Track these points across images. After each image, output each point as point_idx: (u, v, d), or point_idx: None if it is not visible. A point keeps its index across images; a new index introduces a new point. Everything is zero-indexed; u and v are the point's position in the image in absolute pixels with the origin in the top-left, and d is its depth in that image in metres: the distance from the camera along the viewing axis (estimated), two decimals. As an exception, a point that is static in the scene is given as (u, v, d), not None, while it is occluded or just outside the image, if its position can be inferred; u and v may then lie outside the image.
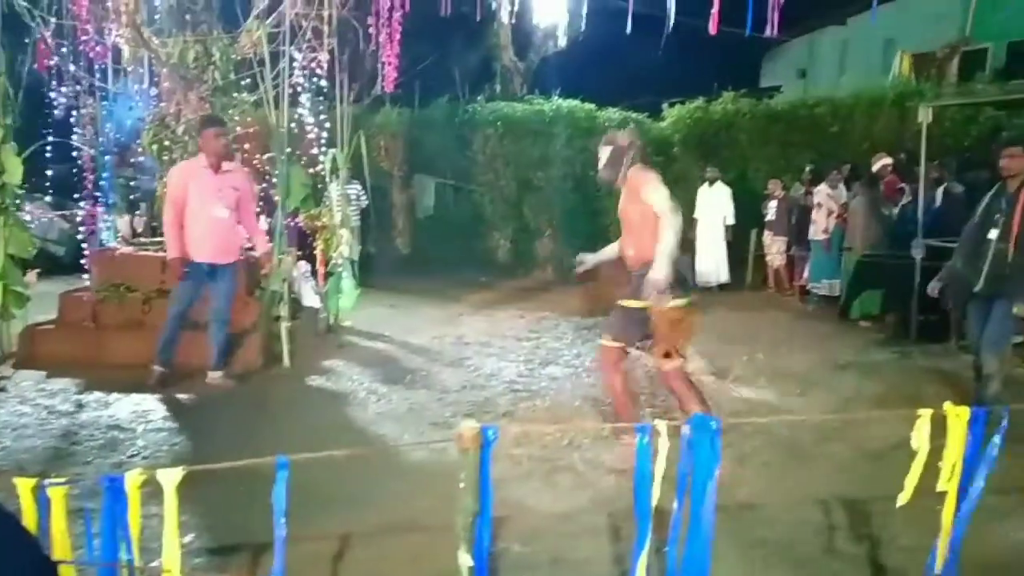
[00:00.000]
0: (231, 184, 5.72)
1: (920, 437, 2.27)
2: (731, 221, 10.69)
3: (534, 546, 3.37)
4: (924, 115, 7.41)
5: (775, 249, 10.41)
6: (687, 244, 11.26)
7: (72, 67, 7.28)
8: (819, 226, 9.15)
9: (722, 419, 2.25)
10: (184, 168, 5.82)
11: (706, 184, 10.83)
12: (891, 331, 7.81)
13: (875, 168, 8.83)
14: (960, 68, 13.24)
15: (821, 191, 9.19)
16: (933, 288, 5.22)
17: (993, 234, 4.76)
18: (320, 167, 7.92)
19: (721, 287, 10.75)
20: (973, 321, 5.02)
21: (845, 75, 15.75)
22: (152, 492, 2.09)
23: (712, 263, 10.77)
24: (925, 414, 2.30)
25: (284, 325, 6.30)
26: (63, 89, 7.39)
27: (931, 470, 2.37)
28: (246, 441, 4.63)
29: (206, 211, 5.61)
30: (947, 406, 2.32)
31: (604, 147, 4.59)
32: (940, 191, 7.90)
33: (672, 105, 12.53)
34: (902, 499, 2.34)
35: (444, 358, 6.85)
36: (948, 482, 2.32)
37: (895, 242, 7.73)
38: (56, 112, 7.50)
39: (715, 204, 10.72)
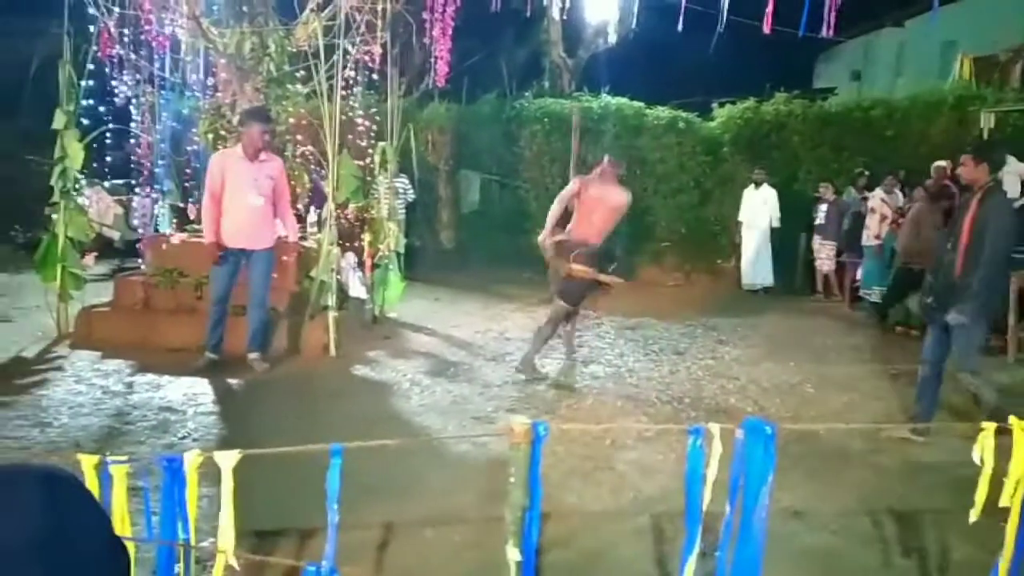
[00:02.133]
0: (267, 173, 5.84)
1: (985, 451, 2.21)
2: (776, 224, 10.52)
3: (576, 544, 3.36)
4: (986, 120, 7.21)
5: (824, 254, 10.23)
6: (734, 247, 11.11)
7: (133, 56, 7.45)
8: (871, 231, 8.95)
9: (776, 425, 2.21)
10: (222, 157, 5.94)
11: (752, 186, 10.67)
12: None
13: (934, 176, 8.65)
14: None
15: (876, 196, 8.99)
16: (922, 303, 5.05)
17: (951, 245, 4.62)
18: (369, 160, 7.99)
19: (766, 291, 10.60)
20: (929, 333, 4.86)
21: (901, 78, 15.35)
22: (203, 473, 2.13)
23: (757, 266, 10.61)
24: (989, 428, 2.24)
25: (331, 315, 6.37)
26: (124, 78, 7.57)
27: (991, 485, 2.31)
28: (292, 427, 4.72)
29: (242, 199, 5.74)
30: (1013, 420, 2.25)
31: None
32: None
33: (722, 105, 12.36)
34: (974, 516, 2.28)
35: (487, 353, 6.87)
36: (1012, 497, 2.25)
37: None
38: (116, 100, 7.69)
39: (761, 206, 10.56)
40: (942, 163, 8.78)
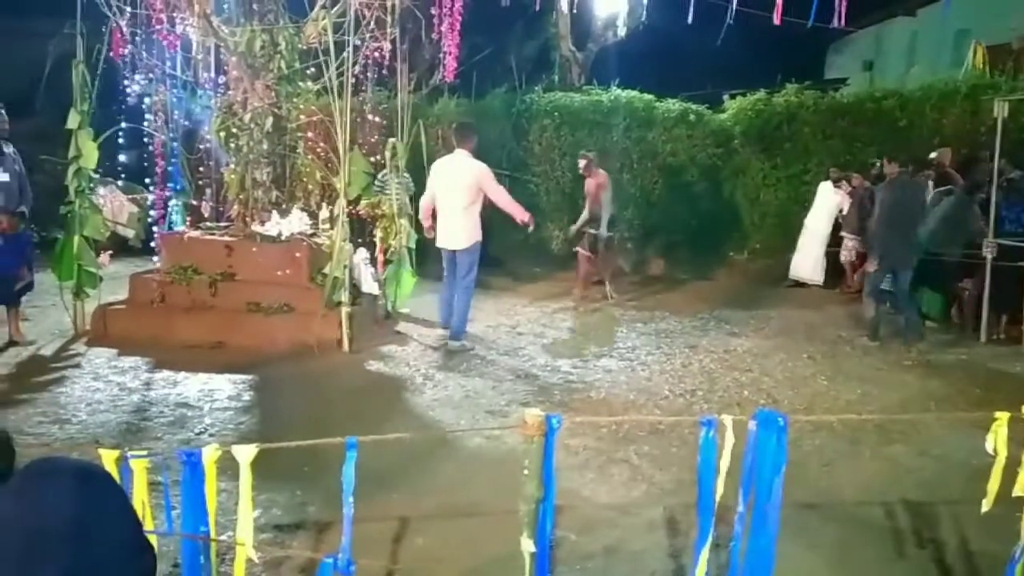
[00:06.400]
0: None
1: (998, 441, 2.21)
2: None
3: (590, 536, 3.38)
4: (1000, 109, 7.14)
5: (849, 245, 10.06)
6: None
7: (145, 55, 7.49)
8: None
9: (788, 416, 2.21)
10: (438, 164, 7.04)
11: (830, 183, 10.42)
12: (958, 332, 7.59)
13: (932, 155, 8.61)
14: (1038, 60, 12.69)
15: None
16: None
17: None
18: (380, 156, 8.01)
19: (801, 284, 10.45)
20: None
21: (914, 67, 15.21)
22: (221, 467, 2.15)
23: (811, 260, 10.43)
24: (1003, 417, 2.23)
25: (344, 310, 6.41)
26: (136, 77, 7.61)
27: (1005, 475, 2.31)
28: (307, 421, 4.76)
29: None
30: (1026, 410, 2.25)
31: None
32: None
33: (733, 97, 12.29)
34: (985, 505, 2.28)
35: (499, 347, 6.89)
36: (1025, 487, 2.26)
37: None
38: (129, 99, 7.73)
39: (831, 202, 10.35)
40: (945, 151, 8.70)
